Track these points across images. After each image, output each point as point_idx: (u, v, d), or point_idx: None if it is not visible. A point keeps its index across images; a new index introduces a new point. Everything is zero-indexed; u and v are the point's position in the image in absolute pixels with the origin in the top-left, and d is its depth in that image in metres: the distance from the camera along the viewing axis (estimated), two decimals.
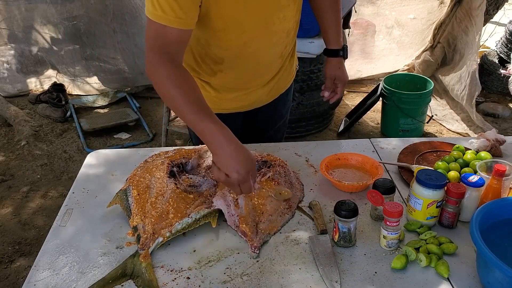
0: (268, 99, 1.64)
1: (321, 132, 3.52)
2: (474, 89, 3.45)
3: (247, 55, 1.43)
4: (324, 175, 1.39)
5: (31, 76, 4.14)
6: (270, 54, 1.49)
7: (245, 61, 1.46)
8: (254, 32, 1.38)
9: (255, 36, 1.39)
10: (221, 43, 1.39)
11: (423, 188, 1.18)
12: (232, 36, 1.36)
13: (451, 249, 1.13)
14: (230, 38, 1.37)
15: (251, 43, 1.40)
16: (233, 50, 1.41)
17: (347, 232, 1.15)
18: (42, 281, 1.08)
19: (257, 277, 1.08)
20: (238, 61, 1.45)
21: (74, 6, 3.84)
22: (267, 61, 1.51)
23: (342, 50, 1.63)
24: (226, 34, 1.35)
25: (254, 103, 1.63)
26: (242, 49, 1.41)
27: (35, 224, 2.65)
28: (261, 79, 1.55)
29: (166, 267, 1.11)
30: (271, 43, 1.45)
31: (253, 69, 1.50)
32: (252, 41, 1.40)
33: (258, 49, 1.43)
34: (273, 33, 1.42)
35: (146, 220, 1.19)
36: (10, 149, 3.37)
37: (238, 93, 1.56)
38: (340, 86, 1.65)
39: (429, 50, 4.12)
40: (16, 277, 2.32)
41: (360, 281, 1.07)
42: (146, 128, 3.59)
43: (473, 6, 3.57)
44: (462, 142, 1.59)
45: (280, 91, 1.66)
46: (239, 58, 1.44)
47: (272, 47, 1.46)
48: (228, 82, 1.53)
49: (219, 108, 1.51)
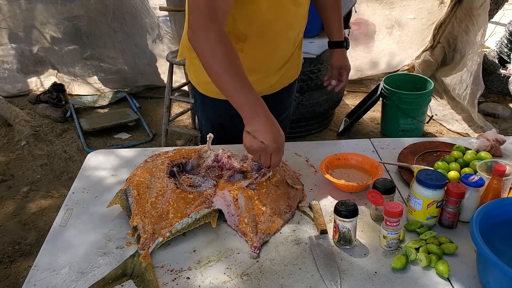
0: (276, 87, 1.65)
1: (321, 132, 3.52)
2: (477, 89, 3.44)
3: (269, 35, 1.47)
4: (324, 175, 1.38)
5: (31, 76, 4.15)
6: (288, 37, 1.54)
7: (266, 40, 1.49)
8: (278, 10, 1.42)
9: (279, 14, 1.43)
10: (247, 17, 1.40)
11: (423, 188, 1.18)
12: (260, 11, 1.39)
13: (451, 249, 1.13)
14: (257, 13, 1.40)
15: (275, 22, 1.44)
16: (257, 26, 1.43)
17: (347, 232, 1.15)
18: (42, 281, 1.08)
19: (257, 277, 1.08)
20: (259, 40, 1.46)
21: (74, 6, 3.84)
22: (284, 45, 1.55)
23: (345, 41, 1.79)
24: (255, 7, 1.37)
25: (264, 90, 1.60)
26: (265, 27, 1.44)
27: (35, 224, 2.65)
28: (275, 64, 1.58)
29: (166, 267, 1.11)
30: (291, 25, 1.50)
31: (271, 51, 1.53)
32: (276, 20, 1.43)
33: (279, 30, 1.48)
34: (293, 15, 1.48)
35: (146, 220, 1.19)
36: (10, 149, 3.37)
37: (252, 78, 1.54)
38: (345, 74, 1.80)
39: (429, 50, 4.12)
40: (16, 277, 2.32)
41: (360, 281, 1.07)
42: (146, 128, 3.59)
43: (474, 6, 3.57)
44: (462, 142, 1.59)
45: (289, 80, 1.70)
46: (261, 37, 1.46)
47: (291, 29, 1.52)
48: (246, 64, 1.50)
49: None
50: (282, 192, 1.31)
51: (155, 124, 3.67)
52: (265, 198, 1.27)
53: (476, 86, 3.45)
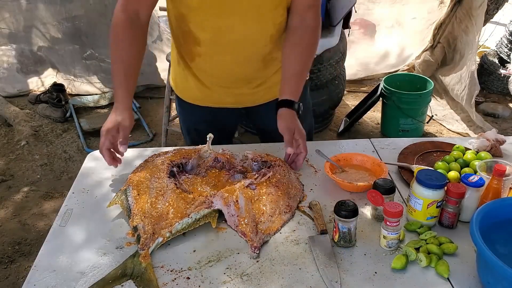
0: (256, 102, 1.64)
1: (321, 132, 3.52)
2: (473, 89, 3.45)
3: (224, 44, 1.45)
4: (330, 175, 1.38)
5: (31, 76, 4.14)
6: (249, 51, 1.49)
7: (220, 50, 1.47)
8: (231, 19, 1.40)
9: (233, 24, 1.41)
10: (197, 22, 1.43)
11: (423, 188, 1.18)
12: (208, 17, 1.40)
13: (451, 249, 1.13)
14: (206, 19, 1.41)
15: (228, 30, 1.42)
16: (209, 32, 1.44)
17: (347, 232, 1.15)
18: (42, 281, 1.08)
19: (257, 277, 1.08)
20: (215, 47, 1.47)
21: (74, 6, 3.85)
22: (245, 58, 1.51)
23: (297, 104, 1.45)
24: (200, 13, 1.40)
25: (240, 102, 1.64)
26: (218, 34, 1.43)
27: (35, 224, 2.65)
28: (242, 79, 1.54)
29: (166, 267, 1.11)
30: (249, 38, 1.45)
31: (229, 63, 1.51)
32: (229, 28, 1.42)
33: (236, 41, 1.45)
34: (252, 28, 1.43)
35: (146, 220, 1.19)
36: (10, 149, 3.37)
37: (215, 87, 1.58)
38: (302, 142, 1.44)
39: (429, 50, 4.12)
40: (16, 277, 2.32)
41: (360, 281, 1.07)
42: (146, 128, 3.59)
43: (474, 6, 3.57)
44: (462, 142, 1.59)
45: (269, 99, 1.64)
46: (216, 45, 1.46)
47: (250, 43, 1.47)
48: (204, 69, 1.55)
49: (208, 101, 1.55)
50: (282, 192, 1.31)
51: (155, 124, 3.67)
52: (265, 198, 1.27)
53: (472, 86, 3.45)
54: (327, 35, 3.15)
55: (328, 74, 3.23)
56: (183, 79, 1.62)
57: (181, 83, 1.65)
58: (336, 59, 3.25)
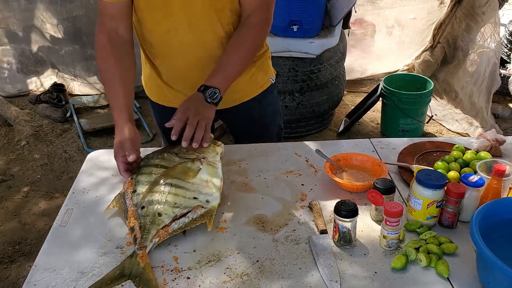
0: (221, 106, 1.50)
1: (321, 132, 3.52)
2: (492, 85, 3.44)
3: (172, 47, 1.47)
4: (329, 175, 1.38)
5: (31, 76, 4.14)
6: (200, 54, 1.49)
7: (172, 53, 1.49)
8: (178, 22, 1.41)
9: (180, 27, 1.42)
10: (147, 25, 1.45)
11: (423, 188, 1.18)
12: (153, 19, 1.42)
13: (451, 249, 1.13)
14: (150, 20, 1.43)
15: (175, 33, 1.43)
16: (157, 35, 1.46)
17: (347, 232, 1.15)
18: (42, 281, 1.08)
19: (257, 277, 1.08)
20: (164, 50, 1.49)
21: (74, 6, 3.85)
22: (196, 62, 1.50)
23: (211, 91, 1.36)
24: (146, 15, 1.42)
25: None
26: (166, 37, 1.45)
27: (35, 224, 2.65)
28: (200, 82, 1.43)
29: (166, 267, 1.11)
30: (199, 41, 1.46)
31: (183, 66, 1.52)
32: (176, 31, 1.43)
33: (184, 44, 1.46)
34: (199, 30, 1.44)
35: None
36: (10, 149, 3.37)
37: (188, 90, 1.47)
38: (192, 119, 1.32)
39: (429, 50, 4.12)
40: (16, 277, 2.32)
41: (360, 281, 1.07)
42: (146, 128, 3.59)
43: (477, 4, 3.58)
44: (462, 142, 1.59)
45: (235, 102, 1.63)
46: (165, 47, 1.48)
47: (199, 46, 1.47)
48: (167, 74, 1.57)
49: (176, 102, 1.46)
50: None
51: (155, 124, 3.63)
52: None
53: (491, 82, 3.43)
54: (327, 35, 3.15)
55: (328, 74, 3.23)
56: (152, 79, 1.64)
57: (152, 83, 1.67)
58: (336, 59, 3.25)
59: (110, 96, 1.44)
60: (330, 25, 3.22)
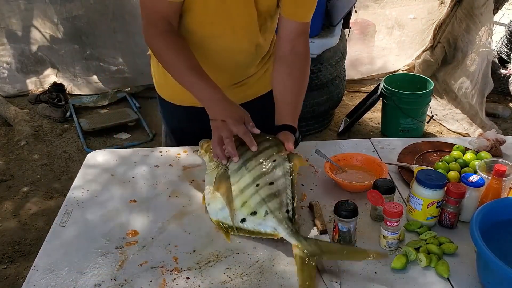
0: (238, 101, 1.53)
1: (321, 132, 3.52)
2: (484, 87, 3.45)
3: (209, 51, 1.44)
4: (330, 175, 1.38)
5: (31, 76, 4.14)
6: (233, 60, 1.48)
7: (206, 56, 1.44)
8: (222, 29, 1.39)
9: (223, 34, 1.40)
10: (186, 26, 1.41)
11: (423, 188, 1.18)
12: (197, 21, 1.39)
13: (451, 249, 1.13)
14: (194, 22, 1.39)
15: (215, 41, 1.41)
16: (196, 38, 1.42)
17: (347, 232, 1.15)
18: (42, 281, 1.08)
19: (257, 277, 1.08)
20: (199, 53, 1.44)
21: (74, 6, 3.85)
22: (227, 67, 1.49)
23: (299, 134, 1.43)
24: (193, 18, 1.38)
25: None
26: (206, 42, 1.42)
27: (35, 224, 2.65)
28: (224, 82, 1.47)
29: (165, 267, 1.11)
30: (235, 49, 1.44)
31: (212, 69, 1.47)
32: (216, 39, 1.41)
33: (222, 50, 1.43)
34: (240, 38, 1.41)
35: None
36: (10, 149, 3.37)
37: None
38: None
39: (429, 50, 4.12)
40: (16, 277, 2.32)
41: (360, 281, 1.07)
42: (146, 128, 3.60)
43: (476, 5, 3.57)
44: (462, 142, 1.58)
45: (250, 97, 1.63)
46: (200, 51, 1.43)
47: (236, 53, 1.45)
48: None
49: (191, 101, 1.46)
50: None
51: (155, 124, 3.66)
52: None
53: (484, 84, 3.44)
54: (327, 35, 3.15)
55: (328, 74, 3.23)
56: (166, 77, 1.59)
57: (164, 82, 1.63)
58: (336, 59, 3.25)
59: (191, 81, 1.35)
60: (330, 25, 3.22)
